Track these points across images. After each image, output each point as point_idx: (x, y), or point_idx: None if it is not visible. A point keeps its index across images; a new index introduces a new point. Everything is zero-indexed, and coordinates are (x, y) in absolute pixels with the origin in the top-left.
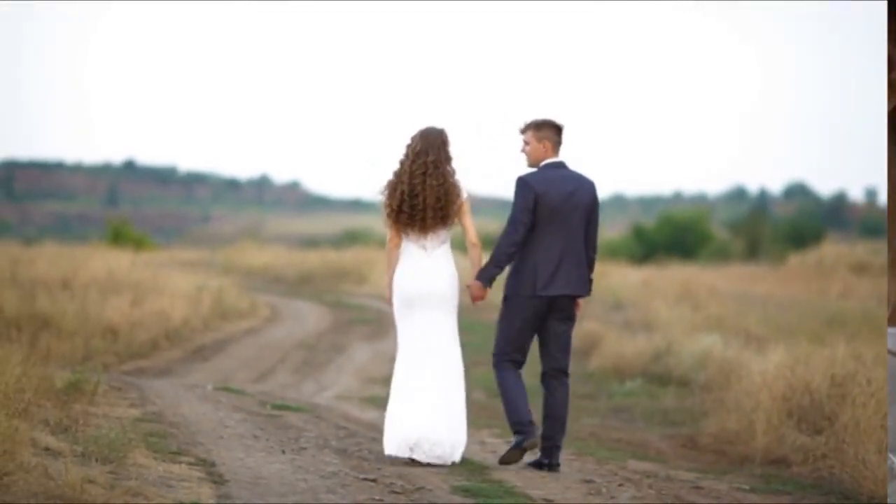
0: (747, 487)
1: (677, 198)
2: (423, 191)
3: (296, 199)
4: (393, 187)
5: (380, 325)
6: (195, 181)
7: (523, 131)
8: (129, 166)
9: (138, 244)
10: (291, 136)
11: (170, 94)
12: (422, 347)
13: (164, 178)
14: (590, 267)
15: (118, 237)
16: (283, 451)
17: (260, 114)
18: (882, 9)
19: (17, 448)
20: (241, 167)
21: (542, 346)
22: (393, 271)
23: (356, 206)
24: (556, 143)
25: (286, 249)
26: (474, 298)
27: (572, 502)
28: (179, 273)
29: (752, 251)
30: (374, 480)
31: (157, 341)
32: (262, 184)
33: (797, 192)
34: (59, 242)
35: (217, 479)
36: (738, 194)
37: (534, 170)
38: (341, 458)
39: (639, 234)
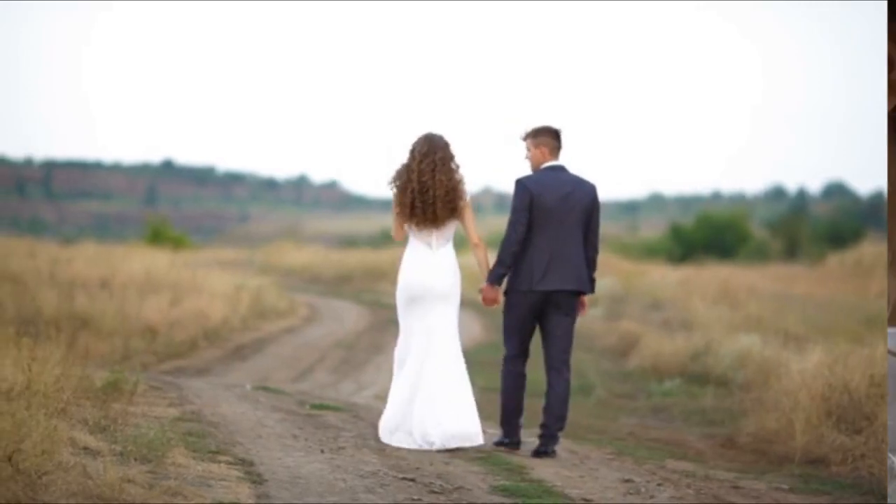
0: (786, 487)
1: (716, 197)
2: (433, 185)
3: (334, 198)
4: (403, 187)
5: None
6: (233, 181)
7: (524, 139)
8: (168, 166)
9: (177, 244)
10: (330, 135)
11: (208, 94)
12: (425, 341)
13: (202, 177)
14: (592, 266)
15: (157, 237)
16: (322, 451)
17: (298, 114)
18: None
19: (55, 447)
20: (279, 167)
21: (544, 339)
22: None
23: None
24: (554, 148)
25: (324, 249)
26: (487, 301)
27: (611, 502)
28: (218, 272)
29: (791, 250)
30: (412, 480)
31: (196, 341)
32: (301, 183)
33: (836, 191)
34: (98, 242)
35: (256, 479)
36: (777, 193)
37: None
38: (380, 458)
39: (677, 233)
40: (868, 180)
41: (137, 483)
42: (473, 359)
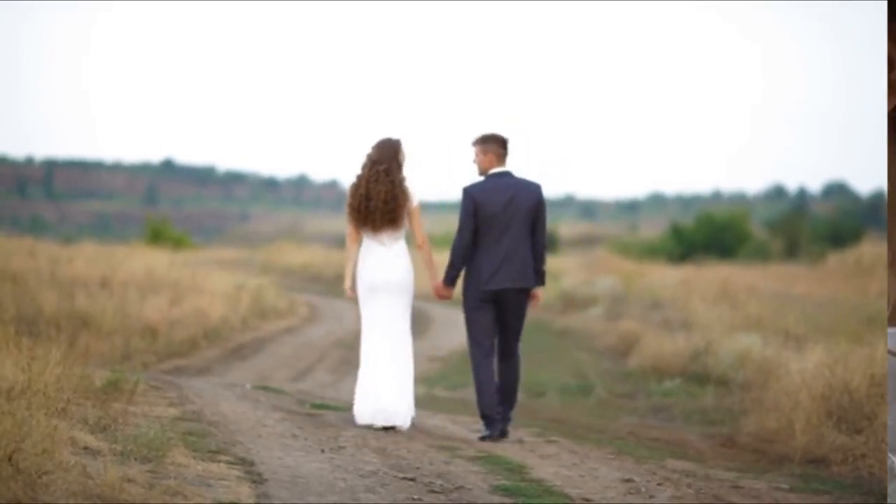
0: (786, 487)
1: (716, 196)
2: (375, 195)
3: (334, 198)
4: (355, 190)
5: (417, 324)
6: (234, 180)
7: (473, 144)
8: (168, 165)
9: (177, 243)
10: (330, 135)
11: (209, 93)
12: (381, 329)
13: (202, 177)
14: (540, 260)
15: (157, 236)
16: (322, 450)
17: (298, 113)
18: None
19: (56, 447)
20: (279, 166)
21: (500, 331)
22: (353, 264)
23: None
24: (500, 155)
25: (324, 248)
26: (438, 297)
27: (611, 501)
28: (218, 272)
29: (791, 250)
30: (412, 479)
31: (196, 340)
32: (301, 183)
33: (836, 190)
34: (99, 242)
35: (256, 478)
36: (777, 193)
37: (481, 178)
38: (380, 457)
39: (677, 233)
40: (868, 180)
41: (138, 483)
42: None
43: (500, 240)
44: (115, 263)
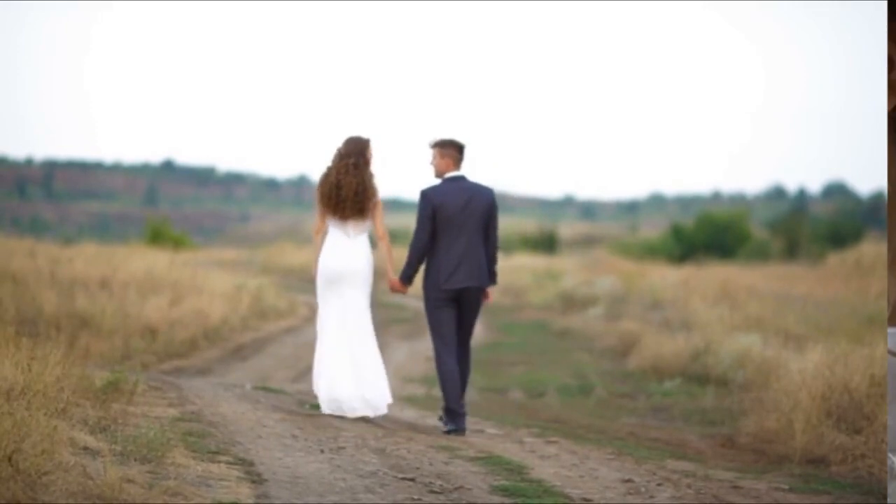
0: (786, 487)
1: (716, 197)
2: (345, 184)
3: None
4: (325, 178)
5: (417, 324)
6: (234, 181)
7: (432, 147)
8: (168, 166)
9: (177, 244)
10: (330, 135)
11: (209, 94)
12: (341, 318)
13: (203, 177)
14: (493, 261)
15: (157, 237)
16: (322, 451)
17: (298, 114)
18: None
19: (55, 447)
20: (279, 167)
21: (455, 327)
22: (319, 252)
23: (394, 205)
24: (457, 160)
25: None
26: (394, 290)
27: (611, 502)
28: (218, 272)
29: (791, 250)
30: (412, 480)
31: (196, 341)
32: (301, 183)
33: (836, 191)
34: (99, 242)
35: (256, 479)
36: (777, 193)
37: (438, 181)
38: (380, 458)
39: (677, 233)
40: (868, 180)
41: (137, 483)
42: (473, 358)
43: (457, 241)
44: (115, 264)
